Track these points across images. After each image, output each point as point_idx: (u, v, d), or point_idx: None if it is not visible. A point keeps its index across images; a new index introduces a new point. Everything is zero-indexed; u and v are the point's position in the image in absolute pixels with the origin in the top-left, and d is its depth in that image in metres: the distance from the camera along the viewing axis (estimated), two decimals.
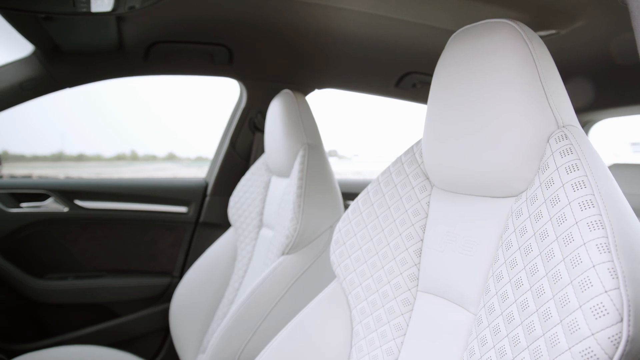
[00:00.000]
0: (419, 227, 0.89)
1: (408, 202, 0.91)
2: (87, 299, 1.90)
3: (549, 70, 0.72)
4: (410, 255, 0.89)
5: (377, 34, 1.58)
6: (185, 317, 1.70)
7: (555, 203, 0.63)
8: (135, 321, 1.95)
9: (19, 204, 1.85)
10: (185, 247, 2.03)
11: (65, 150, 5.66)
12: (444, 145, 0.80)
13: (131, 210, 1.97)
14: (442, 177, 0.84)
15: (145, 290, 1.96)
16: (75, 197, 1.91)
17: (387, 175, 0.97)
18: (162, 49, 1.68)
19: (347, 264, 0.97)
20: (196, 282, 1.72)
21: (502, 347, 0.64)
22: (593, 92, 1.76)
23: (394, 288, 0.89)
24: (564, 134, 0.68)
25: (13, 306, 1.86)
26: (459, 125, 0.77)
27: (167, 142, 8.29)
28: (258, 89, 1.97)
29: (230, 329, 1.35)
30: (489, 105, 0.72)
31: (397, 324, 0.88)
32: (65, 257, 1.92)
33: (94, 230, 1.95)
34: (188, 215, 2.03)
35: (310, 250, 1.36)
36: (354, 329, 0.94)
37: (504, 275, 0.68)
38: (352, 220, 0.99)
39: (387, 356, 0.87)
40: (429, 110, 0.85)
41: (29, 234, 1.86)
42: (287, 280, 1.33)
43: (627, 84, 1.68)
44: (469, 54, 0.76)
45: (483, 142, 0.73)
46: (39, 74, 1.62)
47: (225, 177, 2.04)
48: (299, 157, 1.44)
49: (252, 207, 1.69)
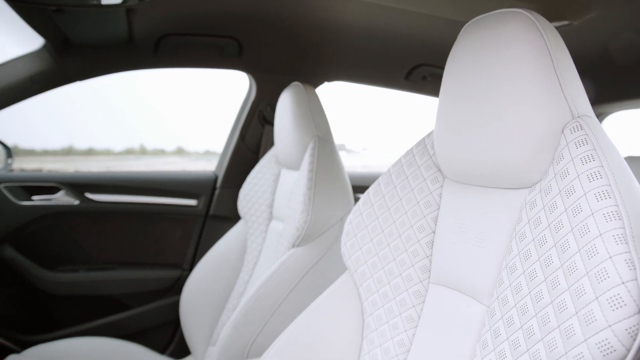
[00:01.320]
0: (430, 218, 0.89)
1: (420, 194, 0.91)
2: (98, 291, 1.92)
3: (563, 60, 0.71)
4: (422, 247, 0.88)
5: (387, 26, 1.57)
6: (196, 310, 1.71)
7: (571, 194, 0.62)
8: (145, 313, 1.96)
9: (31, 196, 1.86)
10: (195, 239, 2.04)
11: (74, 144, 5.69)
12: (457, 136, 0.80)
13: (141, 203, 1.97)
14: (454, 168, 0.83)
15: (155, 283, 1.97)
16: (86, 190, 1.92)
17: (399, 167, 0.96)
18: (171, 42, 1.68)
19: (358, 256, 0.97)
20: (206, 275, 1.73)
21: (516, 339, 0.64)
22: (606, 84, 1.74)
23: (406, 280, 0.89)
24: (579, 124, 0.67)
25: (25, 298, 1.88)
26: (472, 116, 0.76)
27: (176, 136, 8.31)
28: (267, 81, 1.97)
29: (240, 322, 1.35)
30: (502, 95, 0.72)
31: (409, 316, 0.88)
32: (76, 250, 1.93)
33: (104, 223, 1.96)
34: (198, 208, 2.03)
35: (321, 242, 1.36)
36: (365, 321, 0.94)
37: (517, 266, 0.67)
38: (364, 212, 0.98)
39: (399, 348, 0.87)
40: (441, 101, 0.85)
41: (41, 227, 1.87)
42: (297, 272, 1.33)
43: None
44: (482, 44, 0.75)
45: (496, 133, 0.73)
46: (49, 67, 1.63)
47: (235, 170, 2.04)
48: (309, 149, 1.43)
49: (262, 200, 1.69)
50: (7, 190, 1.82)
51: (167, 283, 1.98)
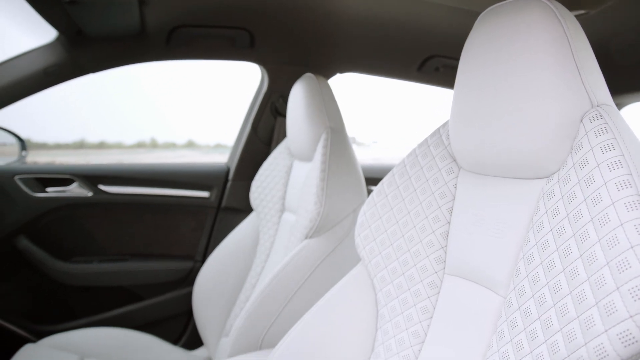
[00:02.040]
0: (445, 209, 0.88)
1: (434, 185, 0.90)
2: (111, 282, 1.93)
3: (583, 49, 0.70)
4: (437, 237, 0.88)
5: (400, 16, 1.56)
6: (208, 301, 1.72)
7: (590, 183, 0.62)
8: (158, 304, 1.98)
9: (45, 188, 1.88)
10: (207, 231, 2.04)
11: (86, 138, 5.73)
12: (472, 126, 0.79)
13: (154, 195, 1.98)
14: (470, 159, 0.82)
15: (168, 274, 1.98)
16: (99, 182, 1.93)
17: (413, 157, 0.96)
18: (183, 34, 1.68)
19: (373, 247, 0.96)
20: (218, 267, 1.73)
21: (534, 330, 0.64)
22: (623, 74, 1.72)
23: (421, 271, 0.89)
24: (599, 113, 0.66)
25: (40, 289, 1.90)
26: (489, 106, 0.76)
27: (187, 129, 8.33)
28: (279, 73, 1.96)
29: (253, 313, 1.36)
30: (520, 84, 0.71)
31: (424, 307, 0.87)
32: (90, 241, 1.95)
33: (117, 214, 1.97)
34: (210, 200, 2.04)
35: (334, 234, 1.35)
36: (380, 312, 0.94)
37: (535, 257, 0.67)
38: (378, 203, 0.98)
39: (414, 339, 0.87)
40: (456, 90, 0.84)
41: (55, 218, 1.89)
42: (310, 264, 1.33)
43: None
44: (499, 33, 0.74)
45: (514, 122, 0.72)
46: (63, 59, 1.64)
47: (247, 162, 2.04)
48: (322, 140, 1.43)
49: (274, 192, 1.69)
50: (22, 182, 1.84)
51: (180, 274, 2.00)
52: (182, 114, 8.16)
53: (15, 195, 1.82)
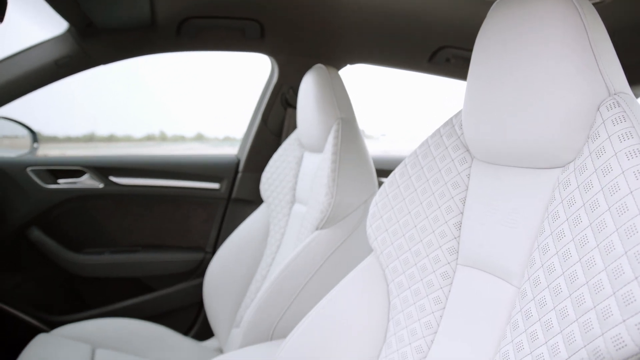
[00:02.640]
0: (458, 199, 0.87)
1: (447, 175, 0.90)
2: (123, 273, 1.94)
3: (600, 37, 0.69)
4: (449, 228, 0.87)
5: (411, 6, 1.54)
6: (219, 292, 1.72)
7: (607, 172, 0.61)
8: (169, 295, 1.99)
9: (56, 180, 1.89)
10: (217, 223, 2.05)
11: (96, 131, 5.75)
12: (487, 116, 0.78)
13: (164, 186, 1.99)
14: (484, 148, 0.82)
15: (179, 265, 1.99)
16: (110, 173, 1.94)
17: (425, 147, 0.95)
18: (194, 25, 1.68)
19: (385, 238, 0.96)
20: (229, 258, 1.74)
21: (549, 320, 0.63)
22: (638, 64, 1.69)
23: (433, 261, 0.88)
24: (616, 101, 0.65)
25: (53, 279, 1.92)
26: (503, 95, 0.75)
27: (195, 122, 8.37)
28: (290, 64, 1.95)
29: (264, 304, 1.36)
30: (535, 73, 0.70)
31: (436, 298, 0.87)
32: (101, 232, 1.96)
33: (128, 206, 1.98)
34: (220, 191, 2.04)
35: (345, 225, 1.35)
36: (391, 303, 0.94)
37: (550, 247, 0.66)
38: (390, 193, 0.97)
39: (426, 329, 0.87)
40: (470, 79, 0.83)
41: (66, 210, 1.90)
42: (321, 255, 1.33)
43: None
44: (514, 21, 0.73)
45: (529, 111, 0.71)
46: (74, 51, 1.64)
47: (257, 154, 2.04)
48: (333, 131, 1.42)
49: (285, 183, 1.69)
50: (34, 174, 1.85)
51: (191, 266, 2.00)
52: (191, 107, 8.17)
53: (27, 187, 1.84)
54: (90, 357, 1.47)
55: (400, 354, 0.89)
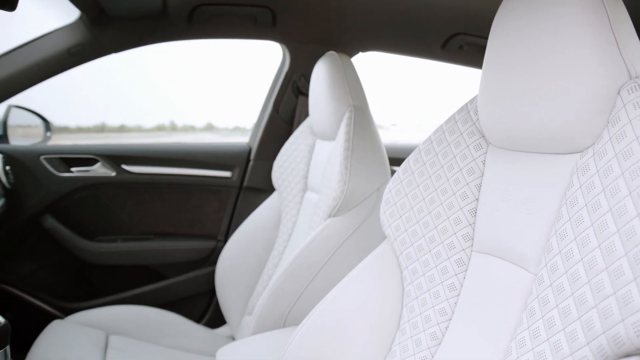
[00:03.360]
0: (474, 186, 0.87)
1: (462, 161, 0.89)
2: (135, 261, 1.96)
3: (621, 19, 0.67)
4: (464, 214, 0.87)
5: None
6: (231, 280, 1.73)
7: (628, 157, 0.60)
8: (181, 283, 2.00)
9: (70, 168, 1.90)
10: (229, 211, 2.05)
11: (107, 121, 5.77)
12: (503, 101, 0.77)
13: (176, 174, 2.00)
14: (500, 134, 0.81)
15: (191, 254, 2.00)
16: (122, 161, 1.95)
17: (440, 134, 0.94)
18: (205, 12, 1.67)
19: (398, 224, 0.95)
20: (241, 246, 1.74)
21: (567, 307, 0.62)
22: None
23: (448, 248, 0.88)
24: (637, 84, 0.64)
25: (67, 267, 1.94)
26: (520, 79, 0.74)
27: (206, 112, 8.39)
28: (301, 52, 1.94)
29: (277, 291, 1.36)
30: (554, 57, 0.69)
31: (451, 284, 0.86)
32: (113, 220, 1.97)
33: (141, 194, 1.99)
34: (232, 179, 2.04)
35: (357, 212, 1.35)
36: (405, 290, 0.93)
37: (568, 233, 0.65)
38: (403, 180, 0.97)
39: (440, 316, 0.86)
40: (486, 64, 0.82)
41: (79, 198, 1.92)
42: (333, 242, 1.33)
43: None
44: (531, 5, 0.72)
45: (547, 96, 0.70)
46: (86, 39, 1.64)
47: (269, 142, 2.04)
48: (345, 119, 1.41)
49: (297, 171, 1.69)
50: (47, 162, 1.86)
51: (203, 254, 2.01)
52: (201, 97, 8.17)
53: (41, 175, 1.85)
54: (104, 343, 1.49)
55: (414, 340, 0.88)
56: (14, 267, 1.88)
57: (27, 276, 1.89)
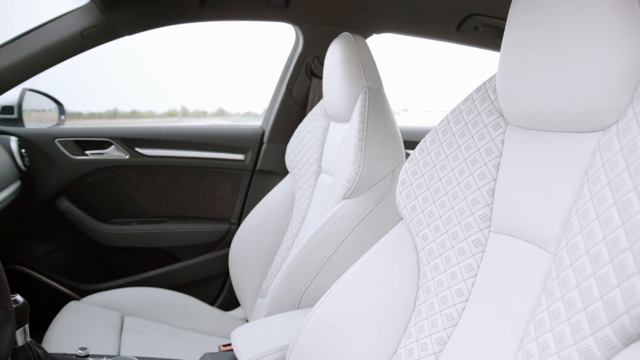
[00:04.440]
0: (492, 165, 0.85)
1: (480, 141, 0.87)
2: (149, 243, 1.97)
3: None
4: (482, 194, 0.85)
5: None
6: (244, 263, 1.74)
7: None
8: (195, 265, 2.01)
9: (84, 151, 1.91)
10: (242, 194, 2.06)
11: (119, 107, 5.80)
12: (523, 79, 0.75)
13: (190, 157, 2.00)
14: (520, 113, 0.79)
15: (204, 236, 2.01)
16: (136, 144, 1.95)
17: (457, 113, 0.93)
18: None
19: (415, 205, 0.95)
20: (254, 229, 1.74)
21: (588, 286, 0.61)
22: None
23: (465, 228, 0.87)
24: None
25: (83, 249, 1.96)
26: (541, 56, 0.72)
27: (217, 97, 8.39)
28: (314, 33, 1.93)
29: (290, 273, 1.36)
30: (576, 32, 0.67)
31: (468, 265, 0.86)
32: (128, 203, 1.99)
33: (154, 177, 1.99)
34: (245, 162, 2.04)
35: (372, 194, 1.34)
36: (421, 271, 0.93)
37: (590, 212, 0.64)
38: (420, 160, 0.96)
39: (457, 297, 0.86)
40: (505, 42, 0.80)
41: (93, 180, 1.93)
42: (347, 224, 1.33)
43: None
44: None
45: (568, 72, 0.68)
46: (99, 21, 1.64)
47: (282, 124, 2.03)
48: (360, 100, 1.40)
49: (310, 154, 1.68)
50: (62, 145, 1.87)
51: (216, 236, 2.02)
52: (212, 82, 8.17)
53: (55, 158, 1.86)
54: (120, 324, 1.51)
55: (430, 321, 0.88)
56: (30, 249, 1.90)
57: (43, 258, 1.91)
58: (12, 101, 1.88)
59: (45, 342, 1.34)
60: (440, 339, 0.86)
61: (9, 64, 1.59)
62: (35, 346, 0.93)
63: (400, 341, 0.93)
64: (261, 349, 1.13)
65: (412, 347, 0.89)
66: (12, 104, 1.88)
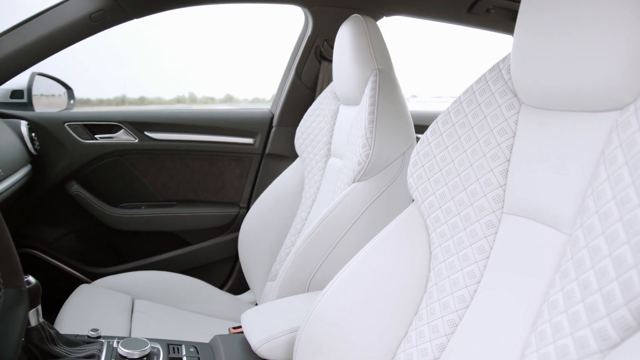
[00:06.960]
0: (505, 146, 0.84)
1: (493, 121, 0.86)
2: (159, 227, 1.98)
3: None
4: (495, 176, 0.84)
5: None
6: (254, 246, 1.74)
7: None
8: (205, 249, 2.02)
9: (94, 135, 1.91)
10: (252, 178, 2.06)
11: (127, 93, 5.80)
12: (538, 58, 0.74)
13: (199, 141, 2.00)
14: (534, 92, 0.78)
15: (214, 220, 2.01)
16: (145, 128, 1.95)
17: (470, 94, 0.91)
18: None
19: (426, 187, 0.94)
20: (264, 213, 1.74)
21: (604, 267, 0.60)
22: None
23: (477, 210, 0.86)
24: None
25: (93, 233, 1.97)
26: (556, 35, 0.70)
27: (225, 83, 8.38)
28: (324, 15, 1.91)
29: (300, 256, 1.36)
30: (592, 8, 0.65)
31: (480, 247, 0.85)
32: (137, 187, 1.99)
33: (163, 161, 2.00)
34: (254, 146, 2.04)
35: (382, 177, 1.33)
36: (433, 253, 0.92)
37: (606, 192, 0.63)
38: (432, 141, 0.95)
39: (469, 279, 0.85)
40: (519, 22, 0.79)
41: (103, 164, 1.93)
42: (358, 207, 1.32)
43: None
44: None
45: (585, 51, 0.67)
46: (108, 4, 1.63)
47: (291, 108, 2.02)
48: (370, 82, 1.39)
49: (320, 137, 1.67)
50: (71, 129, 1.87)
51: (226, 220, 2.02)
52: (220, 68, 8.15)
53: (65, 142, 1.86)
54: (130, 307, 1.52)
55: (441, 303, 0.88)
56: (41, 233, 1.91)
57: (54, 242, 1.93)
58: (22, 85, 1.88)
59: (57, 324, 1.35)
60: (452, 320, 0.86)
61: (19, 47, 1.59)
62: (48, 327, 0.94)
63: (412, 324, 0.92)
64: (271, 331, 1.13)
65: (424, 329, 0.89)
66: (22, 87, 1.88)
